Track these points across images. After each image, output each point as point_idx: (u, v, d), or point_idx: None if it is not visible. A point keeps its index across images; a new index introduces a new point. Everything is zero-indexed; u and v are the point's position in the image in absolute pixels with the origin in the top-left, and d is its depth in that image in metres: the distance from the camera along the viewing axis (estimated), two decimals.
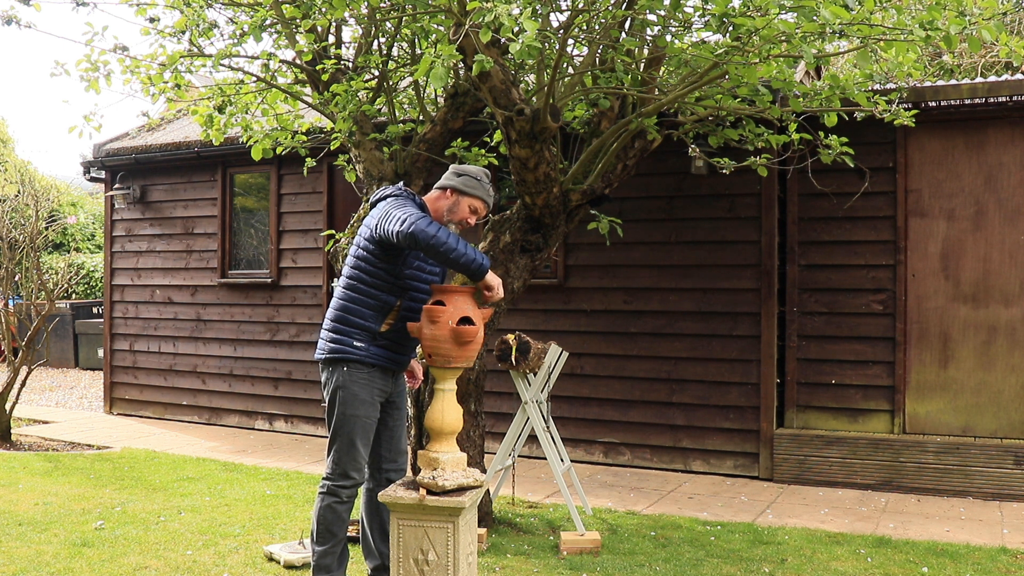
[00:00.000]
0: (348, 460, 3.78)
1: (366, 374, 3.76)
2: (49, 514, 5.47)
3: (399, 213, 3.55)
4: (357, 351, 3.74)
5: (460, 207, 3.83)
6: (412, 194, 3.80)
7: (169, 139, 9.40)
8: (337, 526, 3.81)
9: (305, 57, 5.41)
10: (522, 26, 3.47)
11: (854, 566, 4.64)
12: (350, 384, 3.75)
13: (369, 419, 3.80)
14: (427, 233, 3.44)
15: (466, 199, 3.83)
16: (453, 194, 3.83)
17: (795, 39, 3.91)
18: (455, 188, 3.82)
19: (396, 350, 3.83)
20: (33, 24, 5.22)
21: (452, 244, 3.47)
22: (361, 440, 3.79)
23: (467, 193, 3.83)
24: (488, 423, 7.01)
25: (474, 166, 3.94)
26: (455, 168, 3.91)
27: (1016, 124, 6.34)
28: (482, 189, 3.85)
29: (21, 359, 7.96)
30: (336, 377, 3.77)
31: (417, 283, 3.78)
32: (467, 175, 3.85)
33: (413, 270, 3.76)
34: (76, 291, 16.69)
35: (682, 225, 7.12)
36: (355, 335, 3.74)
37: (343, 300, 3.79)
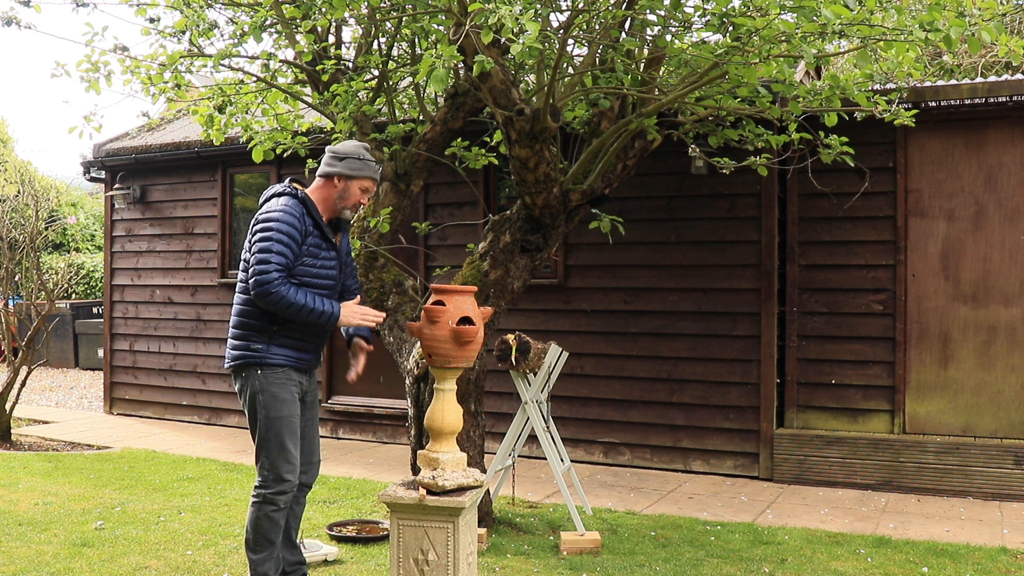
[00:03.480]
0: (281, 463, 3.70)
1: (281, 373, 3.71)
2: (49, 514, 5.47)
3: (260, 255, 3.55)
4: (258, 353, 3.69)
5: (351, 192, 3.79)
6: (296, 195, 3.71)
7: (169, 139, 9.40)
8: (275, 533, 3.75)
9: (305, 57, 5.41)
10: (523, 27, 3.47)
11: (854, 566, 4.64)
12: (267, 386, 3.69)
13: (294, 417, 3.74)
14: (273, 298, 3.52)
15: (355, 183, 3.79)
16: (341, 181, 3.79)
17: (795, 39, 3.92)
18: (341, 174, 3.77)
19: (300, 348, 3.77)
20: (33, 25, 5.22)
21: (299, 302, 3.55)
22: (290, 440, 3.72)
23: (355, 176, 3.78)
24: (488, 423, 7.01)
25: (350, 143, 3.86)
26: (333, 152, 3.82)
27: (1016, 124, 6.34)
28: (369, 168, 3.80)
29: (21, 359, 7.96)
30: (252, 382, 3.70)
31: (309, 279, 3.71)
32: (349, 157, 3.78)
33: (304, 267, 3.69)
34: (76, 291, 16.69)
35: (682, 225, 7.12)
36: (253, 338, 3.70)
37: (239, 304, 3.75)
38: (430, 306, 3.40)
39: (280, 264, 3.55)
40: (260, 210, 3.74)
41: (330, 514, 5.57)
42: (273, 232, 3.59)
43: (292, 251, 3.60)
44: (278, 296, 3.52)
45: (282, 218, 3.61)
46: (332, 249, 3.80)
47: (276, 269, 3.53)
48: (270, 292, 3.51)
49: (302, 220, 3.66)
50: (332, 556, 4.65)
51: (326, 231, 3.75)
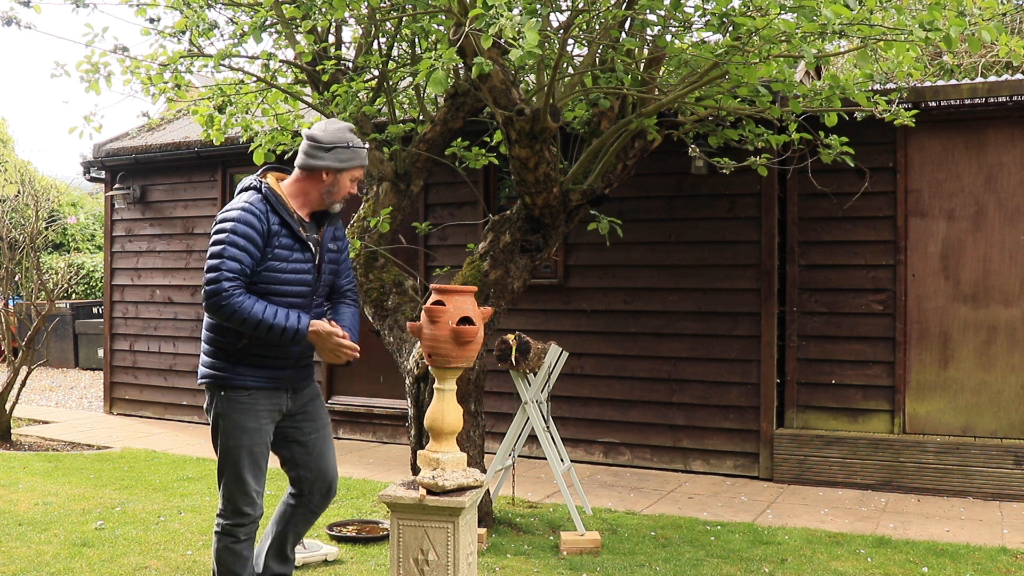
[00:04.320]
0: (239, 494, 3.33)
1: (246, 397, 3.30)
2: (49, 514, 5.47)
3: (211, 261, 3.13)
4: (222, 373, 3.29)
5: (341, 185, 3.35)
6: (263, 192, 3.27)
7: (169, 139, 9.40)
8: (239, 566, 3.40)
9: (305, 58, 5.41)
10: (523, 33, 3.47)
11: (854, 566, 4.64)
12: (228, 411, 3.29)
13: (257, 447, 3.33)
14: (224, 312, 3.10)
15: (345, 175, 3.34)
16: (329, 175, 3.31)
17: (795, 39, 3.92)
18: (330, 168, 3.30)
19: (274, 365, 3.35)
20: (33, 25, 5.22)
21: (255, 316, 3.11)
22: (250, 471, 3.32)
23: (345, 168, 3.32)
24: (488, 423, 7.01)
25: (332, 126, 3.34)
26: (315, 140, 3.30)
27: (1016, 124, 6.34)
28: (359, 156, 3.34)
29: (21, 359, 7.96)
30: (215, 403, 3.31)
31: (277, 286, 3.27)
32: (337, 146, 3.28)
33: (269, 272, 3.24)
34: (76, 291, 16.69)
35: (682, 225, 7.12)
36: (217, 355, 3.31)
37: (206, 318, 3.33)
38: (430, 306, 3.39)
39: (233, 271, 3.12)
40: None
41: (330, 514, 5.56)
42: (227, 235, 3.15)
43: (250, 255, 3.16)
44: (230, 309, 3.09)
45: (239, 217, 3.16)
46: (306, 250, 3.34)
47: (228, 278, 3.10)
48: (220, 304, 3.08)
49: (264, 219, 3.21)
50: (332, 556, 4.65)
51: (296, 230, 3.28)
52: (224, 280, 3.10)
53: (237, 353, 3.28)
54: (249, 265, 3.16)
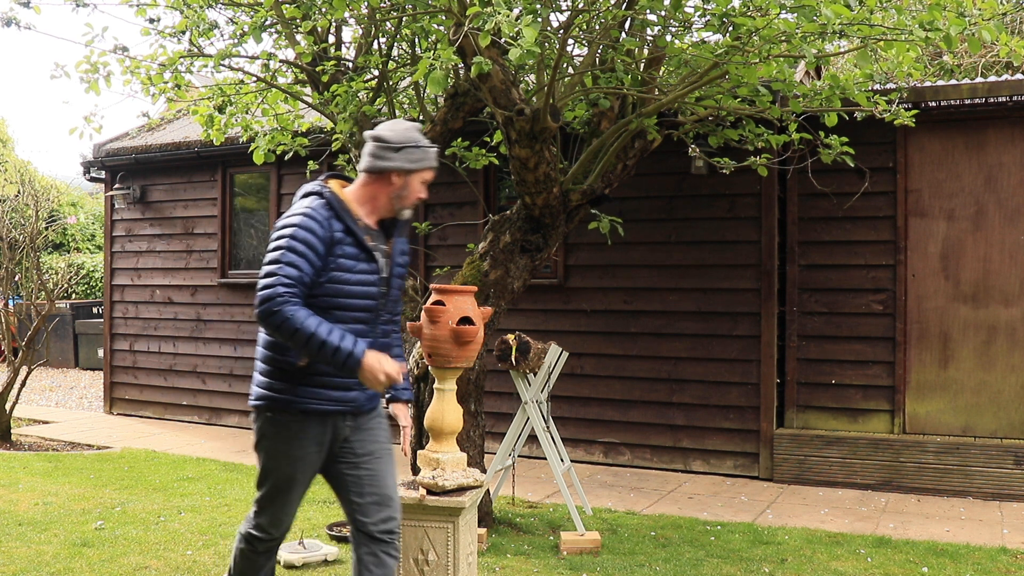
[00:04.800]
0: (269, 515, 3.12)
1: (297, 423, 2.99)
2: (49, 514, 5.47)
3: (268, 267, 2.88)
4: (281, 395, 2.98)
5: (412, 188, 3.08)
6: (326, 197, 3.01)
7: (169, 139, 9.40)
8: (252, 572, 3.23)
9: (305, 58, 5.41)
10: (521, 31, 3.47)
11: (854, 566, 4.64)
12: (274, 435, 3.02)
13: (297, 478, 3.05)
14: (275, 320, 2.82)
15: (416, 176, 3.07)
16: (399, 177, 3.05)
17: (795, 39, 3.92)
18: (401, 170, 3.04)
19: (339, 387, 3.02)
20: (33, 25, 5.24)
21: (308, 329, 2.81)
22: (284, 496, 3.08)
23: (416, 170, 3.06)
24: (488, 423, 7.00)
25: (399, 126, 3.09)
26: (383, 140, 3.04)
27: (1016, 124, 6.34)
28: (429, 156, 3.09)
29: (21, 359, 7.96)
30: (260, 425, 3.04)
31: (342, 299, 2.98)
32: (407, 146, 3.04)
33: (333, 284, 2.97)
34: (76, 291, 16.69)
35: (682, 225, 7.11)
36: (274, 375, 3.01)
37: (261, 333, 3.07)
38: (430, 306, 3.40)
39: (291, 278, 2.86)
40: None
41: (330, 514, 5.57)
42: (286, 240, 2.90)
43: (309, 263, 2.89)
44: (281, 317, 2.81)
45: (300, 223, 2.92)
46: (371, 261, 3.04)
47: (285, 284, 2.84)
48: (272, 311, 2.81)
49: (326, 226, 2.95)
50: (332, 556, 4.65)
51: (361, 238, 3.00)
52: (280, 286, 2.84)
53: (298, 373, 2.98)
54: (308, 274, 2.89)
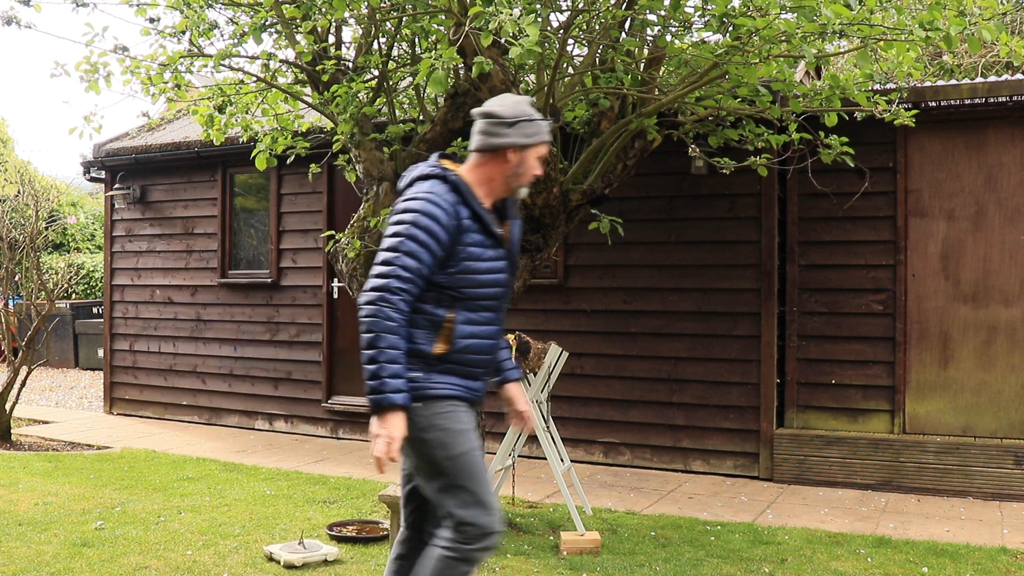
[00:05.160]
0: (481, 510, 2.79)
1: (448, 406, 2.83)
2: (49, 514, 5.47)
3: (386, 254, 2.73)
4: (417, 382, 2.78)
5: (528, 164, 2.89)
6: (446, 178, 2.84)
7: (169, 139, 9.40)
8: None
9: (305, 58, 5.41)
10: (523, 30, 3.47)
11: (854, 566, 4.64)
12: (435, 420, 2.80)
13: (477, 450, 2.84)
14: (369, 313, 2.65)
15: (532, 151, 2.89)
16: (516, 153, 2.86)
17: (795, 39, 3.92)
18: (516, 145, 2.85)
19: (470, 375, 2.89)
20: (33, 24, 5.22)
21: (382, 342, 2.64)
22: (482, 477, 2.83)
23: (532, 144, 2.87)
24: (488, 423, 7.01)
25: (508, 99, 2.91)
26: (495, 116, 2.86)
27: (1016, 124, 6.34)
28: (544, 130, 2.90)
29: (21, 359, 7.96)
30: (416, 420, 2.77)
31: (472, 289, 2.82)
32: (521, 120, 2.84)
33: (464, 274, 2.81)
34: (76, 291, 16.69)
35: (682, 225, 7.12)
36: (411, 365, 2.79)
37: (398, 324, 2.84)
38: None
39: (409, 271, 2.68)
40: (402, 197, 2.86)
41: (330, 514, 5.57)
42: (407, 227, 2.71)
43: (431, 254, 2.71)
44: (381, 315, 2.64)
45: (424, 208, 2.72)
46: (500, 247, 2.89)
47: (401, 278, 2.67)
48: (377, 304, 2.64)
49: (453, 212, 2.76)
50: (332, 556, 4.65)
51: (488, 223, 2.84)
52: (395, 279, 2.66)
53: (434, 359, 2.81)
54: (428, 265, 2.71)
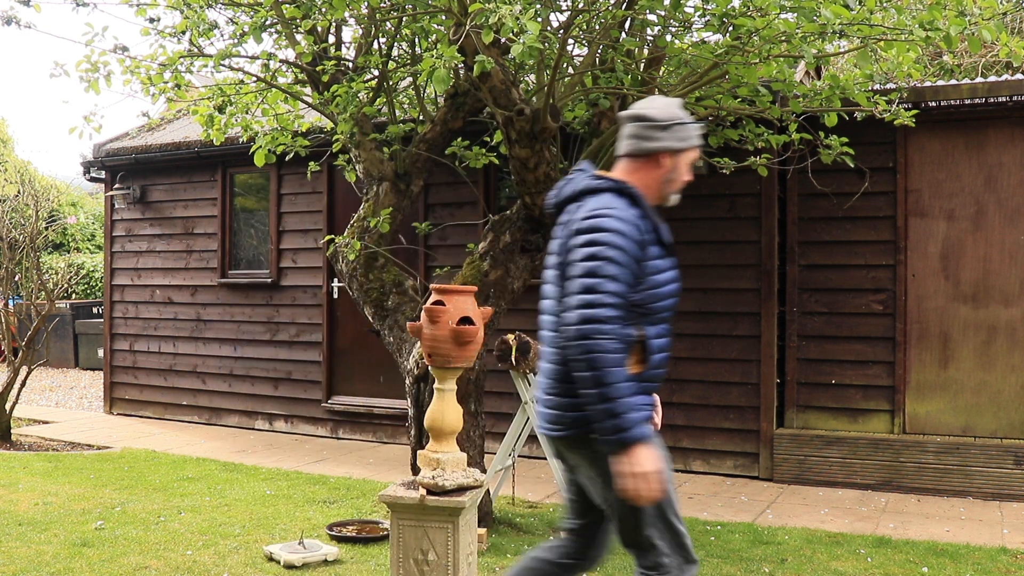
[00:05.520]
0: (677, 546, 2.68)
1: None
2: (49, 514, 5.47)
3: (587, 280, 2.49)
4: None
5: (680, 169, 2.76)
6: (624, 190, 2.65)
7: (169, 139, 9.40)
8: None
9: (305, 58, 5.41)
10: (524, 27, 3.47)
11: (854, 566, 4.64)
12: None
13: (667, 483, 2.63)
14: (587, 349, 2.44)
15: (684, 156, 2.75)
16: (669, 157, 2.72)
17: (795, 39, 3.92)
18: (671, 149, 2.71)
19: (649, 393, 2.69)
20: (33, 24, 5.22)
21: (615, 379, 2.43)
22: (674, 512, 2.70)
23: (685, 148, 2.73)
24: (488, 423, 7.00)
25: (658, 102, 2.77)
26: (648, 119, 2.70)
27: (1016, 124, 6.34)
28: (695, 133, 2.77)
29: (21, 359, 7.96)
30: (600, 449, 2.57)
31: (655, 304, 2.63)
32: (675, 123, 2.70)
33: (649, 290, 2.62)
34: (76, 291, 16.69)
35: (682, 225, 7.09)
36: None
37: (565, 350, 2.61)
38: (430, 306, 3.39)
39: (617, 295, 2.48)
40: (576, 214, 2.64)
41: (330, 514, 5.57)
42: (603, 248, 2.51)
43: (631, 274, 2.53)
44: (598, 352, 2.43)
45: (613, 226, 2.54)
46: (672, 255, 2.74)
47: (612, 305, 2.47)
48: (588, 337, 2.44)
49: (638, 228, 2.58)
50: (332, 556, 4.65)
51: (663, 235, 2.69)
52: (604, 307, 2.45)
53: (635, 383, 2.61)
54: (629, 286, 2.53)
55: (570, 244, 2.60)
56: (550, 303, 2.74)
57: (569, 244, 2.60)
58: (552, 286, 2.73)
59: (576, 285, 2.50)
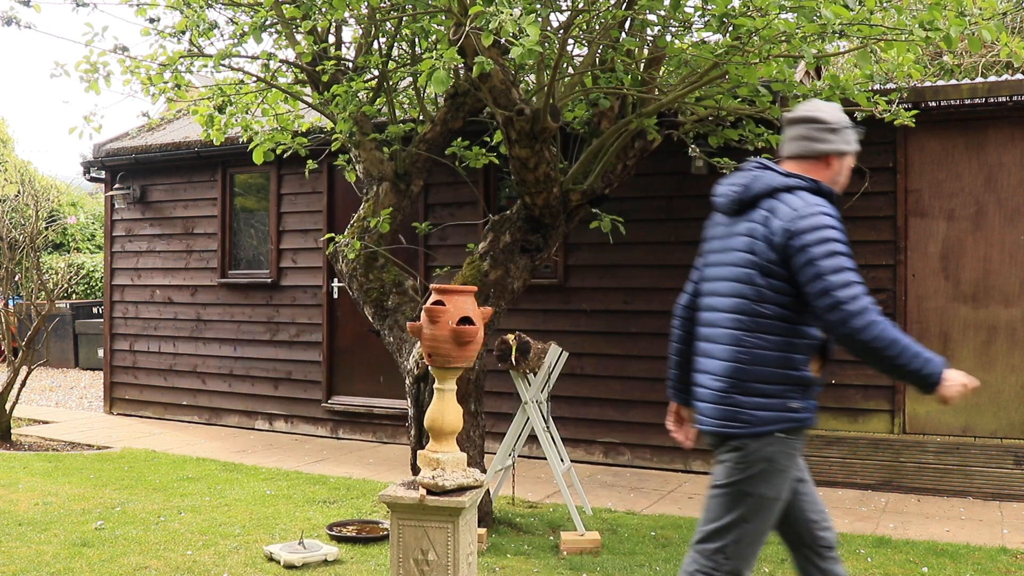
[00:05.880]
0: (749, 555, 2.76)
1: (799, 441, 2.79)
2: (49, 514, 5.47)
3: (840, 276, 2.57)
4: (796, 413, 2.71)
5: (844, 173, 2.87)
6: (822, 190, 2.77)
7: (169, 139, 9.40)
8: None
9: (305, 58, 5.41)
10: (523, 30, 3.47)
11: (854, 566, 4.64)
12: (780, 457, 2.72)
13: (783, 502, 2.80)
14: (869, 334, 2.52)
15: (849, 158, 2.86)
16: (837, 160, 2.83)
17: (795, 39, 3.92)
18: (840, 151, 2.82)
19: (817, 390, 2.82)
20: (33, 24, 5.23)
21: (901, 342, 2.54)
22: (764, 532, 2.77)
23: (849, 151, 2.85)
24: (488, 423, 7.00)
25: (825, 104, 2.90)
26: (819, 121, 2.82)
27: (1016, 124, 6.34)
28: (856, 137, 2.90)
29: (21, 359, 7.96)
30: (764, 451, 2.69)
31: None
32: (844, 127, 2.83)
33: None
34: (76, 291, 16.69)
35: (682, 225, 7.11)
36: (789, 392, 2.69)
37: (750, 347, 2.69)
38: (430, 306, 3.39)
39: (864, 286, 2.60)
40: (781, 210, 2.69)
41: (330, 514, 5.57)
42: (839, 244, 2.63)
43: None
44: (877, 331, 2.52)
45: (834, 224, 2.67)
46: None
47: (863, 290, 2.57)
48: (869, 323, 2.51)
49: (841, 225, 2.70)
50: (332, 556, 4.65)
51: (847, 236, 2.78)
52: (867, 296, 2.55)
53: (809, 383, 2.73)
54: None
55: (791, 245, 2.63)
56: (730, 300, 2.74)
57: (790, 245, 2.63)
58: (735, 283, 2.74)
59: (834, 279, 2.55)
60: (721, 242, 2.93)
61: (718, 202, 3.00)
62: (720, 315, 2.77)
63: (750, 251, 2.72)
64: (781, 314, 2.67)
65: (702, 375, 2.82)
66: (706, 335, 2.83)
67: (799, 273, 2.61)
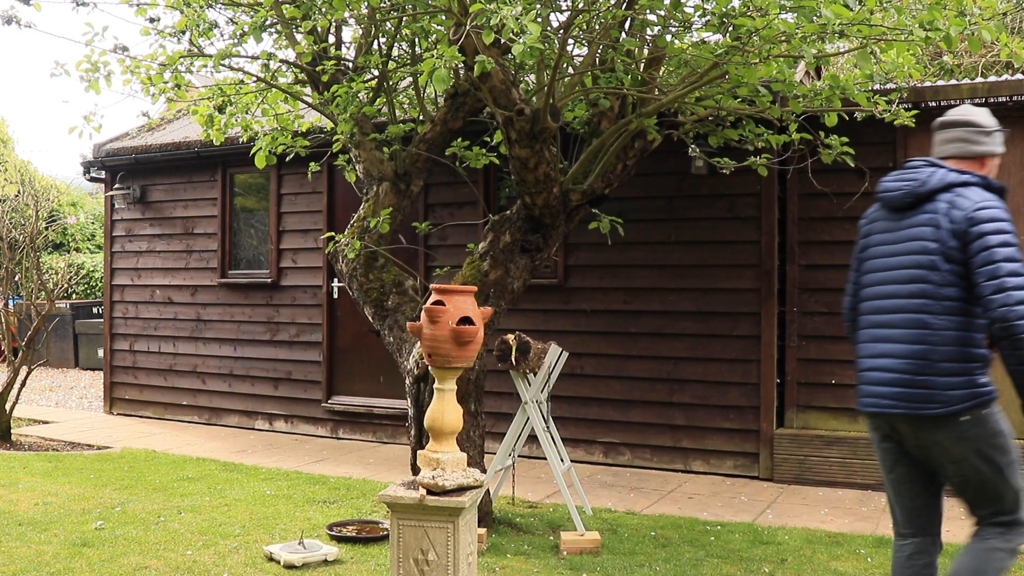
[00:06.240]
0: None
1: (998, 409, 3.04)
2: (49, 514, 5.47)
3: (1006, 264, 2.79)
4: (986, 388, 3.01)
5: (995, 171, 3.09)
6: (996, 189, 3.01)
7: (169, 139, 9.40)
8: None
9: (305, 58, 5.41)
10: (524, 28, 3.47)
11: (854, 566, 4.64)
12: (1001, 425, 3.02)
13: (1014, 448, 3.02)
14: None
15: (997, 160, 3.11)
16: (989, 160, 3.10)
17: (795, 39, 3.92)
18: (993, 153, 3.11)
19: None
20: (33, 24, 5.22)
21: None
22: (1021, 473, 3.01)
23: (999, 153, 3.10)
24: (488, 423, 7.00)
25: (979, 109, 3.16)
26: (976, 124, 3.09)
27: (1016, 124, 6.33)
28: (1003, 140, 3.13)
29: (21, 359, 7.96)
30: (986, 426, 2.99)
31: None
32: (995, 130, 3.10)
33: None
34: (76, 291, 16.69)
35: (682, 225, 7.11)
36: (975, 370, 3.00)
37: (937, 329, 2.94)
38: (430, 306, 3.39)
39: None
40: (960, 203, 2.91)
41: (330, 514, 5.57)
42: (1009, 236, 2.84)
43: None
44: None
45: (1007, 218, 2.88)
46: None
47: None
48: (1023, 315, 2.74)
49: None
50: (332, 556, 4.65)
51: None
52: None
53: (989, 361, 3.04)
54: None
55: (971, 232, 2.83)
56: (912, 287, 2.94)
57: (970, 232, 2.83)
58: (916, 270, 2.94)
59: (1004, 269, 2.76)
60: (892, 235, 3.09)
61: (889, 196, 3.11)
62: (901, 301, 2.98)
63: (934, 239, 2.91)
64: (962, 295, 2.88)
65: (880, 359, 3.07)
66: (882, 321, 3.07)
67: (974, 258, 2.82)
